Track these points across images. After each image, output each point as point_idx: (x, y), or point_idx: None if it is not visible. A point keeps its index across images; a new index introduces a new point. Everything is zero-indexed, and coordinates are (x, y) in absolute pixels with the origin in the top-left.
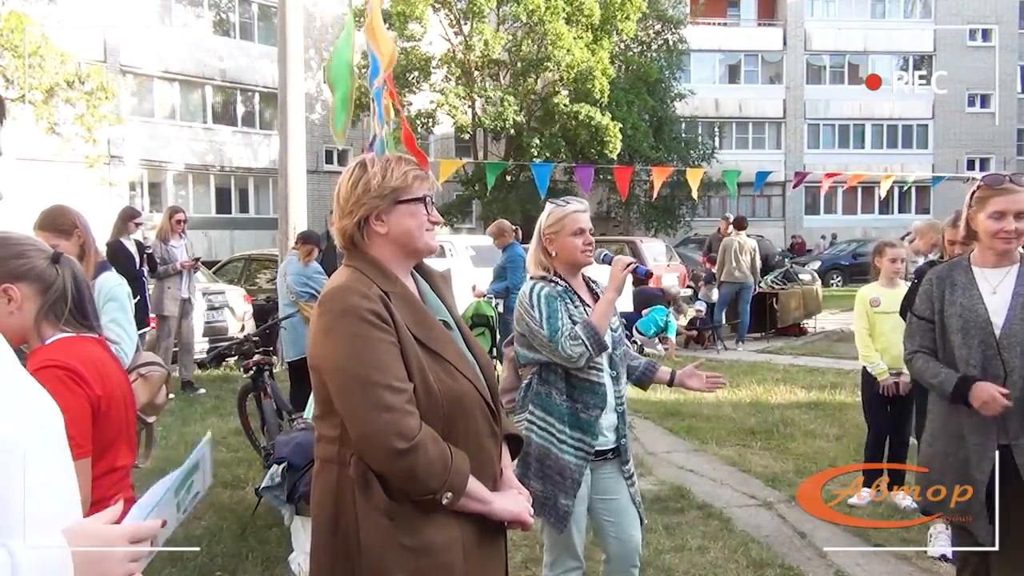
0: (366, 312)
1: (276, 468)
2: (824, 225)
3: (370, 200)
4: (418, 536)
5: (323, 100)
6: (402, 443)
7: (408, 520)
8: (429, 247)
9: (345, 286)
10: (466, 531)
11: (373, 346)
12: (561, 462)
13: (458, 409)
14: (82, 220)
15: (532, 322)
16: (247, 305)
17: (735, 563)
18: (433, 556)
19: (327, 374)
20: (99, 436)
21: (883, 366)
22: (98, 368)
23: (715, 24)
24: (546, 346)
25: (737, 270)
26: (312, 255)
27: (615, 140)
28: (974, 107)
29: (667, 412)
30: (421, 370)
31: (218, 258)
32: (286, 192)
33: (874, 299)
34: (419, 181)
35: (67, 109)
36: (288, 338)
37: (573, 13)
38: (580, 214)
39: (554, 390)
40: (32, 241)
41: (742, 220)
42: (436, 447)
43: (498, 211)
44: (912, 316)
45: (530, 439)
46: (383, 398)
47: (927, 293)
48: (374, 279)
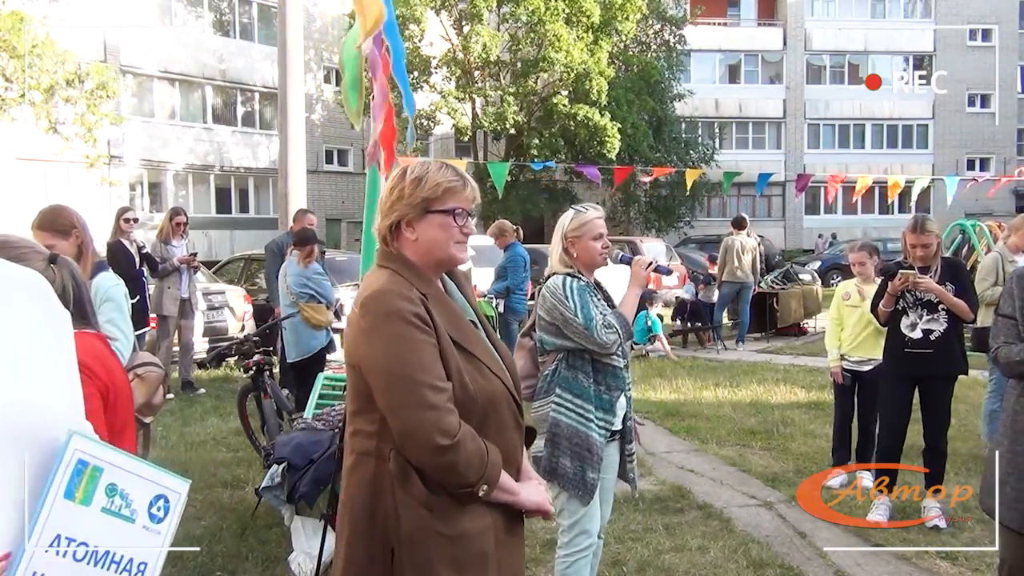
0: (409, 314)
1: (276, 468)
2: (824, 225)
3: (402, 207)
4: (454, 525)
5: (323, 100)
6: (445, 440)
7: (445, 510)
8: (456, 259)
9: (387, 289)
10: (496, 520)
11: (417, 347)
12: (590, 439)
13: (490, 406)
14: (80, 220)
15: (567, 311)
16: (247, 305)
17: (735, 563)
18: (468, 544)
19: (370, 373)
20: (108, 427)
21: (835, 354)
22: (102, 361)
23: (715, 24)
24: (581, 334)
25: (739, 270)
26: (312, 256)
27: (613, 140)
28: (974, 107)
29: (667, 412)
30: (458, 370)
31: (218, 258)
32: (286, 192)
33: (845, 293)
34: (452, 193)
35: (67, 109)
36: (290, 339)
37: (573, 13)
38: (599, 220)
39: (580, 374)
40: (30, 244)
41: (742, 220)
42: (474, 443)
43: (498, 211)
44: (996, 316)
45: (559, 420)
46: (427, 397)
47: (1009, 292)
48: (412, 281)
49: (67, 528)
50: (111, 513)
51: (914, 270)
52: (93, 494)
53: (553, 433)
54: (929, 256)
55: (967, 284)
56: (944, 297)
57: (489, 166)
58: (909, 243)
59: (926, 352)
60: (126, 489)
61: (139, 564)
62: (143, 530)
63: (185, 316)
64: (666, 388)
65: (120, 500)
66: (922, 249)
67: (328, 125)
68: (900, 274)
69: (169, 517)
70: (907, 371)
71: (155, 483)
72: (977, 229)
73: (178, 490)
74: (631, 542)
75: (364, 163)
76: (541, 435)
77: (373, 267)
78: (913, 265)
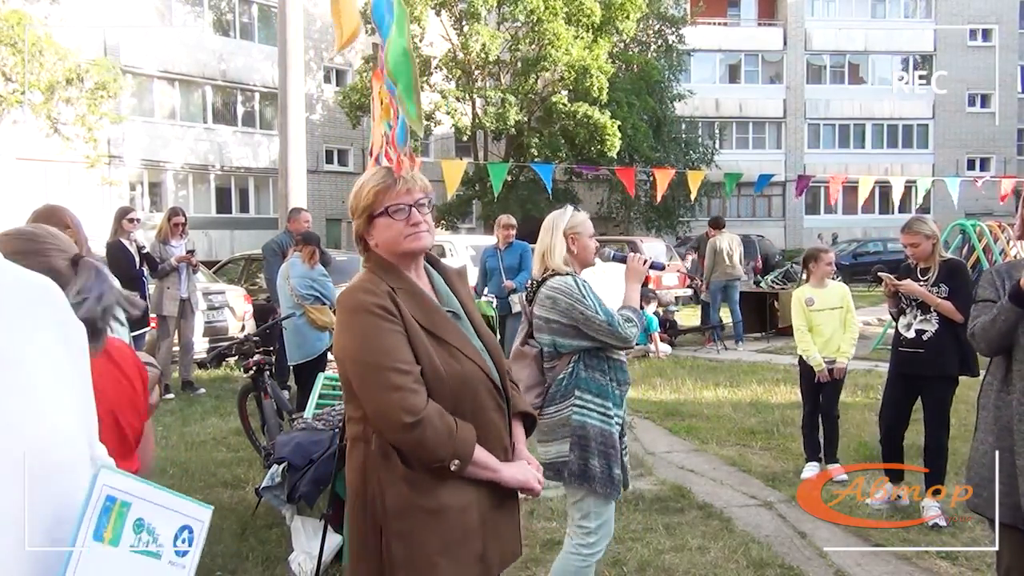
0: (373, 307)
1: (276, 468)
2: (824, 225)
3: (357, 222)
4: (435, 499)
5: (323, 100)
6: (409, 417)
7: (425, 485)
8: (413, 248)
9: (356, 286)
10: (481, 496)
11: (380, 335)
12: (612, 437)
13: (463, 387)
14: (74, 220)
15: (587, 310)
16: (247, 305)
17: (735, 563)
18: (451, 518)
19: (344, 363)
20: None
21: (818, 358)
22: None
23: (715, 24)
24: (604, 330)
25: (729, 267)
26: (315, 256)
27: (613, 138)
28: (974, 107)
29: (667, 412)
30: (427, 354)
31: (218, 258)
32: (286, 192)
33: (808, 299)
34: (383, 193)
35: (68, 109)
36: (293, 341)
37: (574, 12)
38: (590, 221)
39: (597, 372)
40: (56, 241)
41: (720, 220)
42: (442, 420)
43: (499, 211)
44: (976, 302)
45: (585, 423)
46: (391, 379)
47: (990, 282)
48: (383, 277)
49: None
50: (139, 552)
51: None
52: (121, 533)
53: (580, 436)
54: (922, 256)
55: (961, 286)
56: (927, 299)
57: (489, 166)
58: (901, 243)
59: (917, 352)
60: (153, 523)
61: None
62: (169, 566)
63: (185, 316)
64: (666, 388)
65: (148, 536)
66: (911, 248)
67: (328, 125)
68: (882, 276)
69: (193, 549)
70: (901, 369)
71: (180, 513)
72: (977, 229)
73: (201, 518)
74: (631, 542)
75: (364, 163)
76: (563, 440)
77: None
78: (912, 266)
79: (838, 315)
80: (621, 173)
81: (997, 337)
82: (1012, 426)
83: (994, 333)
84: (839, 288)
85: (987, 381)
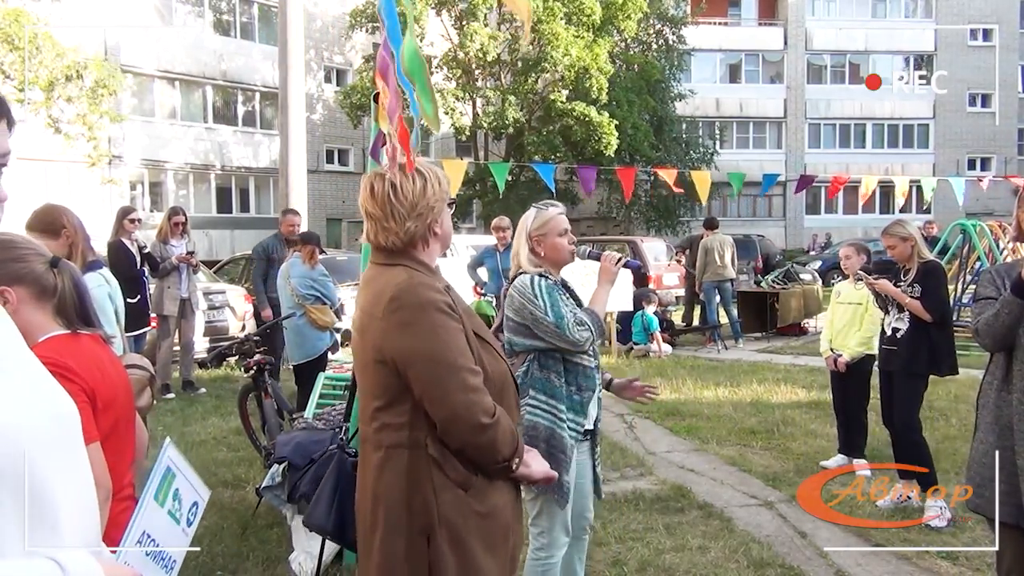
0: (442, 304)
1: (277, 468)
2: (825, 225)
3: (438, 207)
4: (487, 502)
5: (324, 100)
6: (487, 418)
7: (480, 489)
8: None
9: (417, 282)
10: (513, 494)
11: (454, 334)
12: (564, 442)
13: (503, 387)
14: (72, 220)
15: (536, 311)
16: (247, 305)
17: (736, 563)
18: (497, 518)
19: (410, 364)
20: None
21: (825, 346)
22: (93, 362)
23: (716, 24)
24: (552, 332)
25: (722, 268)
26: (315, 256)
27: (611, 137)
28: (975, 107)
29: (667, 412)
30: (479, 354)
31: (218, 258)
32: (286, 192)
33: (838, 291)
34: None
35: (68, 108)
36: (294, 341)
37: (574, 12)
38: (562, 216)
39: (553, 374)
40: (33, 246)
41: (714, 220)
42: (507, 420)
43: (499, 210)
44: (977, 300)
45: (536, 423)
46: (468, 380)
47: (990, 280)
48: (427, 275)
49: (150, 526)
50: (171, 515)
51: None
52: (167, 497)
53: (531, 436)
54: (901, 257)
55: (932, 287)
56: (898, 297)
57: (491, 166)
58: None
59: (892, 348)
60: (182, 494)
61: (171, 559)
62: (182, 532)
63: (185, 316)
64: (666, 388)
65: (177, 504)
66: (890, 250)
67: (328, 125)
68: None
69: (196, 521)
70: (881, 366)
71: (195, 490)
72: (978, 229)
73: (204, 497)
74: (631, 542)
75: (365, 162)
76: None
77: (375, 267)
78: (900, 267)
79: (853, 311)
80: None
81: (1001, 331)
82: (1013, 425)
83: (998, 327)
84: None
85: (987, 380)
